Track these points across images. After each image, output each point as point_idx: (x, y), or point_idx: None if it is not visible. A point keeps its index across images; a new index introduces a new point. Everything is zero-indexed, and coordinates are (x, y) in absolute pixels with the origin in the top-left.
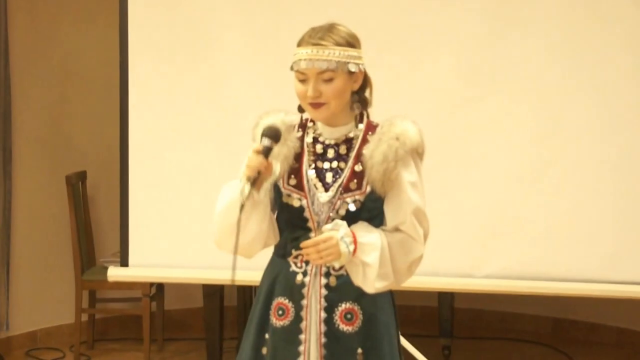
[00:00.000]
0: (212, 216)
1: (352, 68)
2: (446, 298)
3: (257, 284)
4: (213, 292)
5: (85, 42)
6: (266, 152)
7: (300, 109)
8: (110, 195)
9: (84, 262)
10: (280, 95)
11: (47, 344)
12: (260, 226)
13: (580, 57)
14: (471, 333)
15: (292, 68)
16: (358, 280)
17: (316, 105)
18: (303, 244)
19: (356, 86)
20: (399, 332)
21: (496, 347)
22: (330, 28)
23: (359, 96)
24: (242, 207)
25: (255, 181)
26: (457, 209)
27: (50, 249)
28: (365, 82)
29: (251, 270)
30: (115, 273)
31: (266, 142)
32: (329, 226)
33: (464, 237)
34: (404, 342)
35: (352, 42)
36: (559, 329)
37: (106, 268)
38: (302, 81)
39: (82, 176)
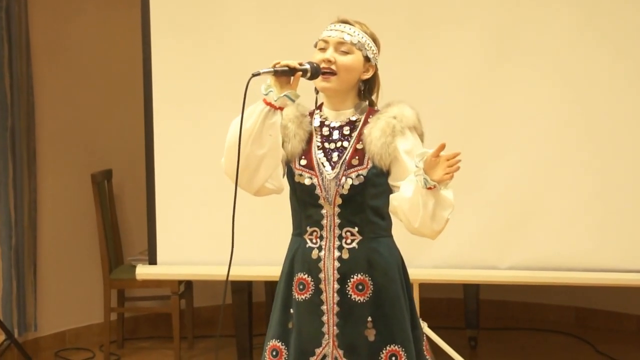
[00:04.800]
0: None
1: (369, 54)
2: (471, 290)
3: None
4: (242, 288)
5: (106, 37)
6: (304, 69)
7: (317, 91)
8: (136, 193)
9: (111, 261)
10: None
11: (76, 344)
12: (277, 141)
13: (606, 42)
14: (496, 324)
15: (315, 45)
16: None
17: (327, 75)
18: (457, 156)
19: (366, 76)
20: (413, 304)
21: (521, 337)
22: (359, 20)
23: (365, 87)
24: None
25: (280, 74)
26: (481, 202)
27: (76, 249)
28: (374, 81)
29: (276, 265)
30: (143, 271)
31: (307, 65)
32: (417, 158)
33: (488, 229)
34: (430, 333)
35: (375, 38)
36: (581, 318)
37: (134, 266)
38: (322, 50)
39: (107, 174)
